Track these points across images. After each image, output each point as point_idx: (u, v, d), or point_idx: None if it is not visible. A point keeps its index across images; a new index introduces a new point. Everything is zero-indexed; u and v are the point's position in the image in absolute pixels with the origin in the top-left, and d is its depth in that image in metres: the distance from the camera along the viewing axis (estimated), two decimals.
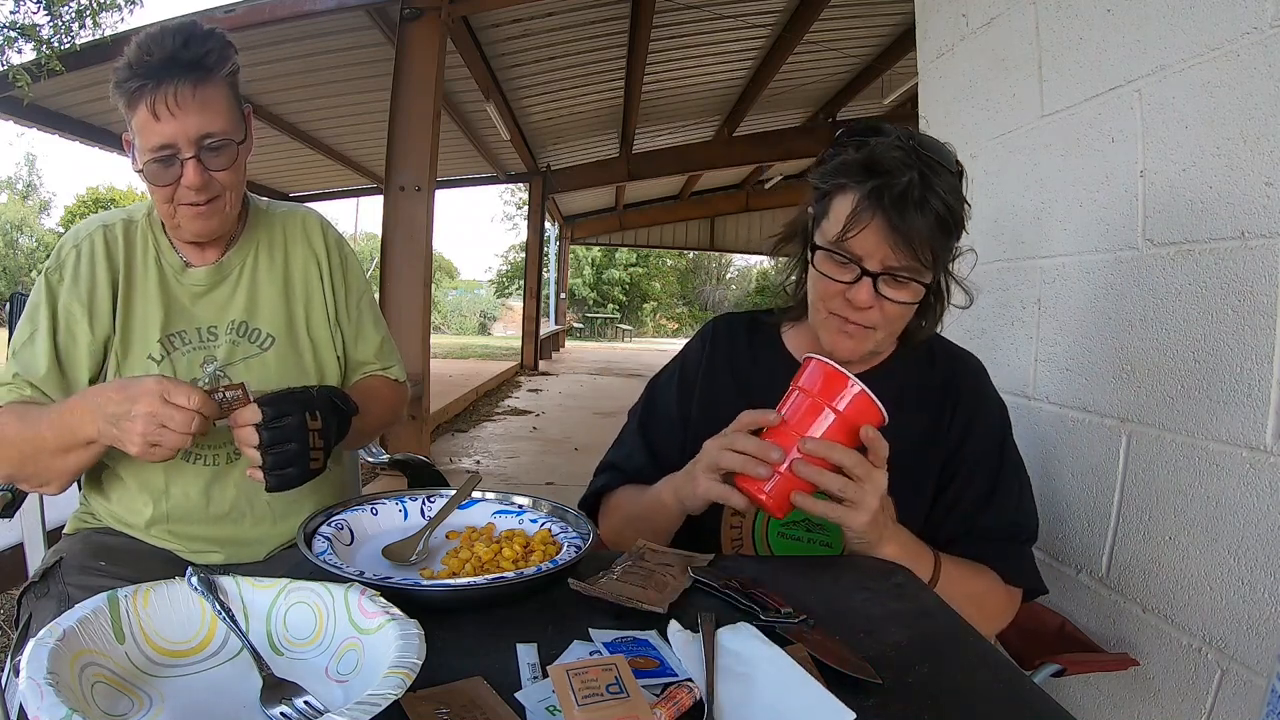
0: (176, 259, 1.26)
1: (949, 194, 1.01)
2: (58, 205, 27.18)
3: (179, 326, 1.25)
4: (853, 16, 6.48)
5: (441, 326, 28.53)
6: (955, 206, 1.02)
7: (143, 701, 0.61)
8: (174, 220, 1.20)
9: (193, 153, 1.11)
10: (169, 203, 1.16)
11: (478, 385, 8.88)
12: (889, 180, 0.99)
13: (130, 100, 1.10)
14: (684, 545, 1.00)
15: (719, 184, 14.71)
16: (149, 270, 1.24)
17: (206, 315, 1.27)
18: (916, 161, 1.00)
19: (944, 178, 1.01)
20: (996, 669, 0.73)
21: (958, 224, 1.04)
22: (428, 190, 4.62)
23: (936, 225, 1.00)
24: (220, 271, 1.28)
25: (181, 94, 1.08)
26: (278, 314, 1.31)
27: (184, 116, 1.09)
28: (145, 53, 1.08)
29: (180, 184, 1.13)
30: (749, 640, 0.71)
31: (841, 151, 1.07)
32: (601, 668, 0.59)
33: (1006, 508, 1.14)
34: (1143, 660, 1.29)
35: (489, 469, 5.21)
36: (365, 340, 1.41)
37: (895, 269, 1.01)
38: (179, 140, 1.10)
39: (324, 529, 0.93)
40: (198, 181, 1.12)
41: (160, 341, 1.23)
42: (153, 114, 1.08)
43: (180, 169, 1.12)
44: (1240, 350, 1.14)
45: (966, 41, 1.92)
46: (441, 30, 4.68)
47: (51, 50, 5.02)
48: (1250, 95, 1.11)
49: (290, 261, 1.34)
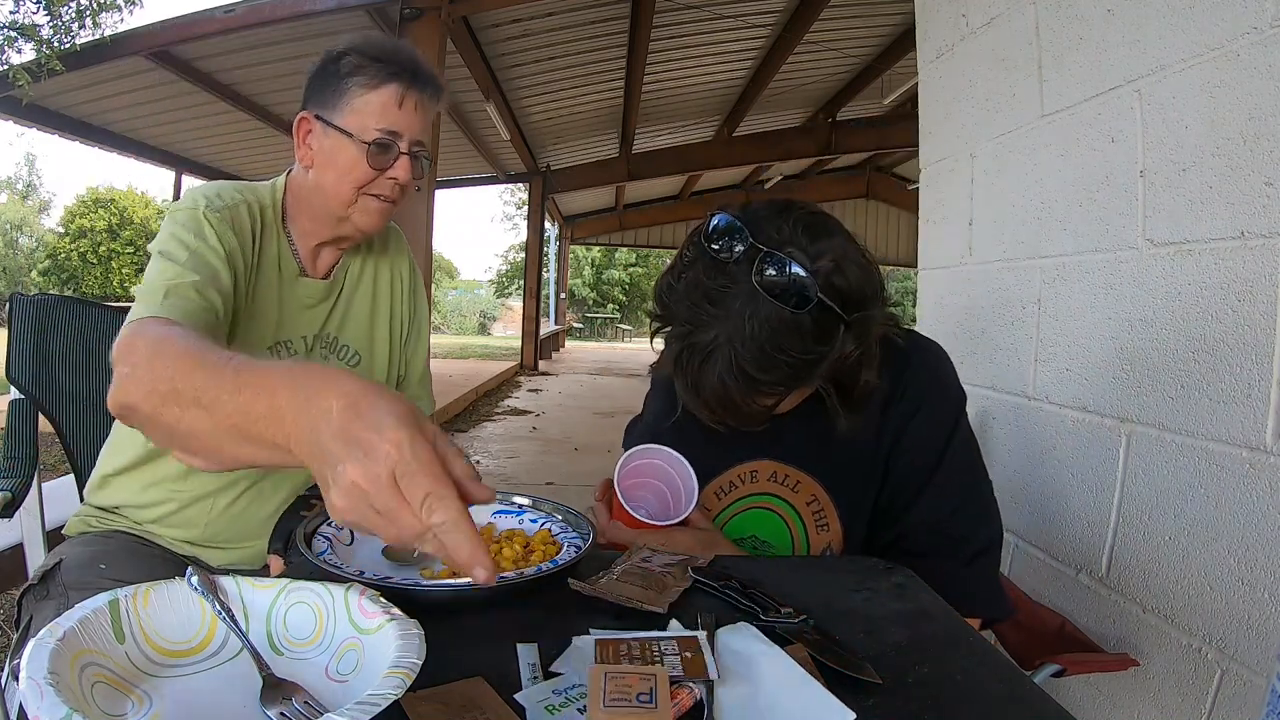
0: (293, 264, 1.24)
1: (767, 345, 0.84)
2: (58, 205, 27.22)
3: (287, 335, 1.23)
4: (853, 16, 6.48)
5: (441, 326, 28.53)
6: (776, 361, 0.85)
7: (143, 701, 0.61)
8: (347, 210, 1.18)
9: (407, 150, 1.16)
10: (357, 188, 1.16)
11: (478, 385, 8.88)
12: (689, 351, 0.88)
13: (377, 79, 1.13)
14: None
15: (719, 184, 14.70)
16: (269, 270, 1.21)
17: (312, 325, 1.27)
18: (720, 321, 0.85)
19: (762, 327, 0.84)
20: (996, 669, 0.73)
21: (804, 365, 0.87)
22: (428, 190, 4.63)
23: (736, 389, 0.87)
24: (331, 288, 1.28)
25: (429, 100, 1.17)
26: (363, 331, 1.32)
27: (418, 120, 1.16)
28: (395, 51, 1.14)
29: (387, 173, 1.16)
30: (749, 640, 0.71)
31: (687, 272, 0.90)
32: (641, 676, 0.59)
33: (937, 513, 1.02)
34: (1143, 660, 1.29)
35: (489, 469, 5.21)
36: (415, 365, 1.41)
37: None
38: (406, 134, 1.15)
39: (324, 529, 0.93)
40: (407, 177, 1.17)
41: (271, 348, 1.21)
42: (398, 102, 1.13)
43: (395, 159, 1.15)
44: (1240, 350, 1.14)
45: (966, 41, 1.92)
46: (441, 30, 4.68)
47: (51, 50, 5.03)
48: (1250, 95, 1.11)
49: (379, 278, 1.35)
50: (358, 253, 1.32)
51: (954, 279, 1.96)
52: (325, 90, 1.15)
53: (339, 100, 1.14)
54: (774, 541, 1.09)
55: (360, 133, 1.14)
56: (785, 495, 1.08)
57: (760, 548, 1.10)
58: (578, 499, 1.24)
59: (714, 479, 1.10)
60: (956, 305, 1.94)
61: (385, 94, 1.13)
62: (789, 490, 1.08)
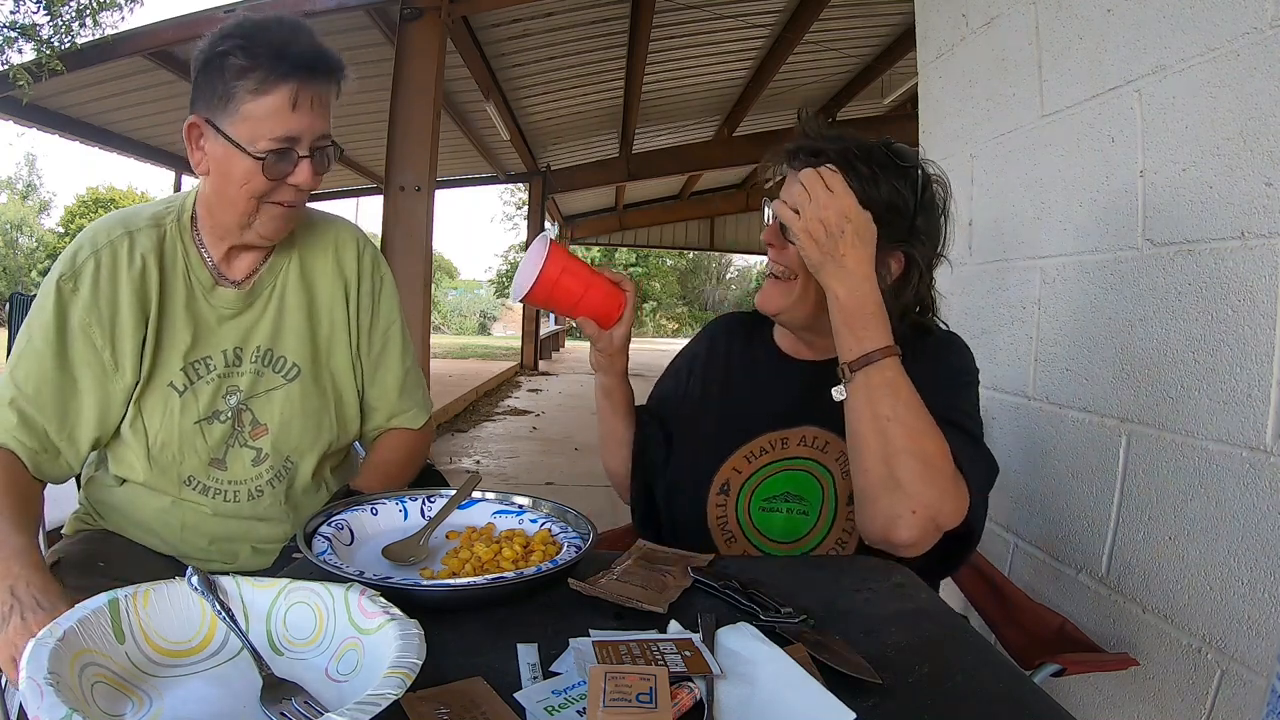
0: (206, 275, 1.17)
1: (875, 173, 1.07)
2: (58, 205, 27.20)
3: (204, 352, 1.17)
4: (853, 16, 6.48)
5: (441, 326, 28.53)
6: (881, 187, 1.07)
7: (143, 701, 0.61)
8: (249, 219, 1.11)
9: (308, 152, 1.08)
10: (256, 198, 1.09)
11: (478, 385, 8.89)
12: (801, 143, 1.11)
13: (267, 82, 1.03)
14: (678, 539, 1.01)
15: (719, 184, 14.70)
16: (177, 288, 1.15)
17: (232, 338, 1.19)
18: (850, 143, 1.09)
19: (870, 164, 1.07)
20: (996, 669, 0.73)
21: (890, 207, 1.07)
22: (428, 190, 4.62)
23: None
24: (252, 294, 1.20)
25: (326, 95, 1.07)
26: (304, 341, 1.22)
27: (318, 116, 1.07)
28: (284, 43, 1.03)
29: (288, 181, 1.08)
30: (749, 640, 0.71)
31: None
32: (641, 676, 0.59)
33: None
34: (1143, 660, 1.28)
35: (489, 469, 5.21)
36: (387, 374, 1.31)
37: None
38: (305, 136, 1.07)
39: (324, 529, 0.93)
40: (310, 181, 1.09)
41: (184, 369, 1.15)
42: (292, 104, 1.04)
43: (294, 165, 1.08)
44: (1240, 350, 1.14)
45: (966, 41, 1.92)
46: (441, 30, 4.68)
47: (51, 50, 5.03)
48: (1250, 95, 1.11)
49: (318, 283, 1.25)
50: (288, 255, 1.22)
51: (954, 279, 1.96)
52: (212, 93, 1.06)
53: (227, 105, 1.05)
54: (805, 494, 1.14)
55: (252, 142, 1.05)
56: (815, 456, 1.15)
57: (792, 500, 1.14)
58: (578, 499, 1.25)
59: (744, 445, 1.17)
60: (956, 305, 1.93)
61: (278, 98, 1.04)
62: (818, 451, 1.15)
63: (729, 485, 1.16)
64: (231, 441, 1.19)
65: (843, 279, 1.00)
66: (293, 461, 1.23)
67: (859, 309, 1.00)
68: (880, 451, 0.98)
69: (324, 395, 1.24)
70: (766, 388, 1.21)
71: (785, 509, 1.15)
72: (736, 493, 1.16)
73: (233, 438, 1.19)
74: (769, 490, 1.15)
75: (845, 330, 1.01)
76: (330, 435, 1.25)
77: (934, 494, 0.96)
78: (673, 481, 1.23)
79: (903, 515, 0.97)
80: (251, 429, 1.20)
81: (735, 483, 1.16)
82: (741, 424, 1.19)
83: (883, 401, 0.98)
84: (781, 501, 1.15)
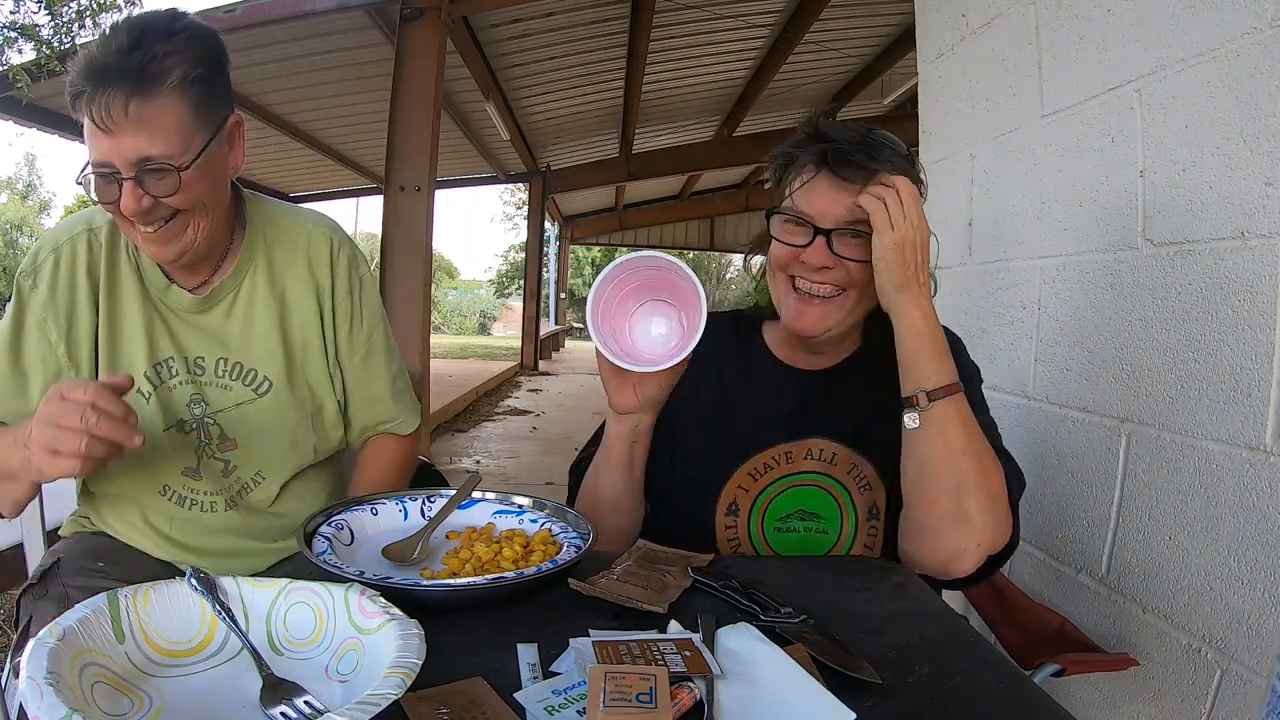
0: (159, 275, 1.12)
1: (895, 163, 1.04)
2: (58, 205, 27.14)
3: (166, 354, 1.13)
4: (853, 16, 6.48)
5: (441, 326, 28.52)
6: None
7: (143, 701, 0.61)
8: (135, 242, 1.06)
9: (131, 174, 0.96)
10: (123, 221, 1.02)
11: (478, 385, 8.88)
12: (834, 144, 1.03)
13: (74, 105, 0.95)
14: (682, 545, 1.01)
15: (719, 184, 14.70)
16: (132, 284, 1.11)
17: (194, 343, 1.14)
18: (864, 133, 1.05)
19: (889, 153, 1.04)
20: (996, 669, 0.73)
21: None
22: (428, 190, 4.62)
23: None
24: (210, 300, 1.14)
25: (114, 108, 0.92)
26: (275, 352, 1.16)
27: (119, 135, 0.94)
28: (96, 50, 0.94)
29: (120, 206, 0.98)
30: (749, 640, 0.71)
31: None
32: (641, 676, 0.59)
33: None
34: (1143, 660, 1.28)
35: (489, 469, 5.21)
36: (374, 380, 1.25)
37: (849, 224, 1.02)
38: (114, 160, 0.96)
39: (324, 529, 0.93)
40: (134, 207, 0.97)
41: (147, 374, 1.11)
42: (100, 125, 0.94)
43: (119, 190, 0.97)
44: (1240, 350, 1.14)
45: (966, 41, 1.92)
46: (441, 30, 4.67)
47: (51, 50, 5.02)
48: (1250, 95, 1.11)
49: (289, 290, 1.18)
50: (253, 261, 1.16)
51: (954, 279, 1.96)
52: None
53: (83, 131, 0.98)
54: (820, 511, 1.11)
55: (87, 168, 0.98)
56: (825, 470, 1.12)
57: (808, 519, 1.11)
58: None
59: (748, 460, 1.13)
60: (956, 305, 1.93)
61: (86, 122, 0.94)
62: (827, 464, 1.12)
63: (737, 505, 1.12)
64: (200, 452, 1.17)
65: (921, 303, 0.99)
66: (263, 475, 1.19)
67: (936, 335, 0.99)
68: (952, 485, 0.96)
69: (301, 407, 1.20)
70: (765, 396, 1.16)
71: (801, 528, 1.12)
72: (747, 514, 1.12)
73: (200, 448, 1.17)
74: (780, 509, 1.11)
75: (923, 357, 0.98)
76: (308, 447, 1.22)
77: (996, 525, 0.98)
78: (675, 497, 1.16)
79: (969, 550, 0.97)
80: (219, 443, 1.17)
81: (744, 502, 1.12)
82: (742, 435, 1.14)
83: (956, 433, 0.97)
84: (796, 520, 1.12)
